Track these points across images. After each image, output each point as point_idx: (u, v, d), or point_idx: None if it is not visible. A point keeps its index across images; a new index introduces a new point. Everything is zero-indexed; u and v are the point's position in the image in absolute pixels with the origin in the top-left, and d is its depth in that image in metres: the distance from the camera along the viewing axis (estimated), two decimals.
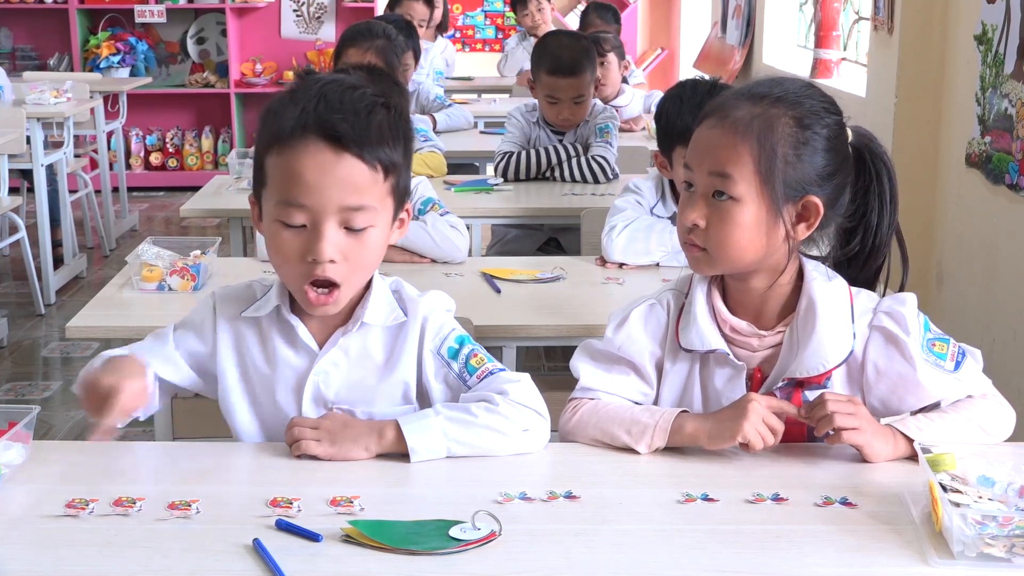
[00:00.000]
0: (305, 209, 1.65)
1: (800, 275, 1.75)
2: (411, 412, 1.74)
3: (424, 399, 1.79)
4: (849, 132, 1.75)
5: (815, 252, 1.79)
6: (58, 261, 5.69)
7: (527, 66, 5.17)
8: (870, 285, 1.81)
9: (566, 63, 3.87)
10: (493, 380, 1.75)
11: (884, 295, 1.80)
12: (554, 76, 3.89)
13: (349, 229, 1.66)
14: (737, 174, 1.67)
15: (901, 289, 1.81)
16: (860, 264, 1.80)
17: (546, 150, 3.91)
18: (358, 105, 1.68)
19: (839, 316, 1.71)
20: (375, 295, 1.77)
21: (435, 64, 6.24)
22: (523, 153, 3.92)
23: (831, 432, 1.65)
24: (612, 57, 5.12)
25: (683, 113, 2.72)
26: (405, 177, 1.75)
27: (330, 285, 1.68)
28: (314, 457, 1.66)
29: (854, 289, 1.76)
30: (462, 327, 1.83)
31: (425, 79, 5.63)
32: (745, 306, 1.77)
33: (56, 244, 5.69)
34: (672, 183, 2.94)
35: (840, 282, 1.75)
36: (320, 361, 1.76)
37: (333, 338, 1.77)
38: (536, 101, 4.03)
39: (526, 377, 1.76)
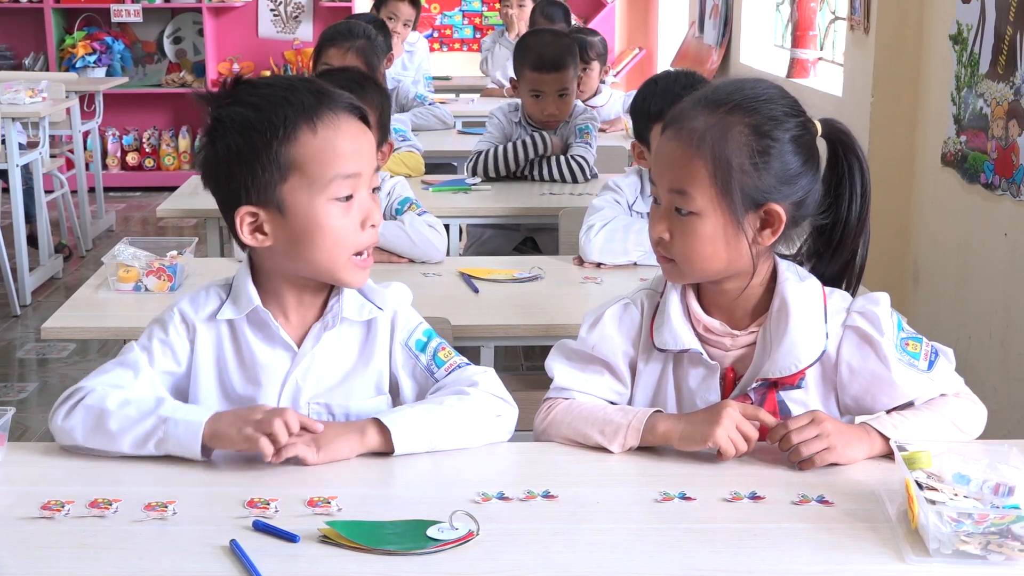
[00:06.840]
0: (352, 178, 1.68)
1: (774, 275, 1.75)
2: (384, 405, 1.78)
3: (395, 391, 1.81)
4: (818, 125, 1.74)
5: (789, 248, 1.79)
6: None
7: (508, 64, 5.14)
8: (838, 280, 1.81)
9: (549, 59, 3.88)
10: (461, 373, 1.78)
11: (845, 287, 1.80)
12: (538, 72, 3.89)
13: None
14: (694, 190, 1.67)
15: (859, 276, 1.82)
16: (829, 257, 1.80)
17: (514, 145, 3.87)
18: (336, 83, 1.78)
19: (812, 316, 1.71)
20: (346, 289, 1.77)
21: (423, 67, 6.20)
22: (493, 148, 3.90)
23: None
24: (595, 65, 5.18)
25: (657, 95, 2.78)
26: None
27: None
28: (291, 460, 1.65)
29: (827, 289, 1.76)
30: (435, 326, 1.85)
31: (405, 78, 5.61)
32: (719, 306, 1.77)
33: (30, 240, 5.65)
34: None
35: (813, 282, 1.75)
36: (301, 358, 1.76)
37: (314, 334, 1.76)
38: (519, 101, 4.03)
39: (491, 370, 1.80)
